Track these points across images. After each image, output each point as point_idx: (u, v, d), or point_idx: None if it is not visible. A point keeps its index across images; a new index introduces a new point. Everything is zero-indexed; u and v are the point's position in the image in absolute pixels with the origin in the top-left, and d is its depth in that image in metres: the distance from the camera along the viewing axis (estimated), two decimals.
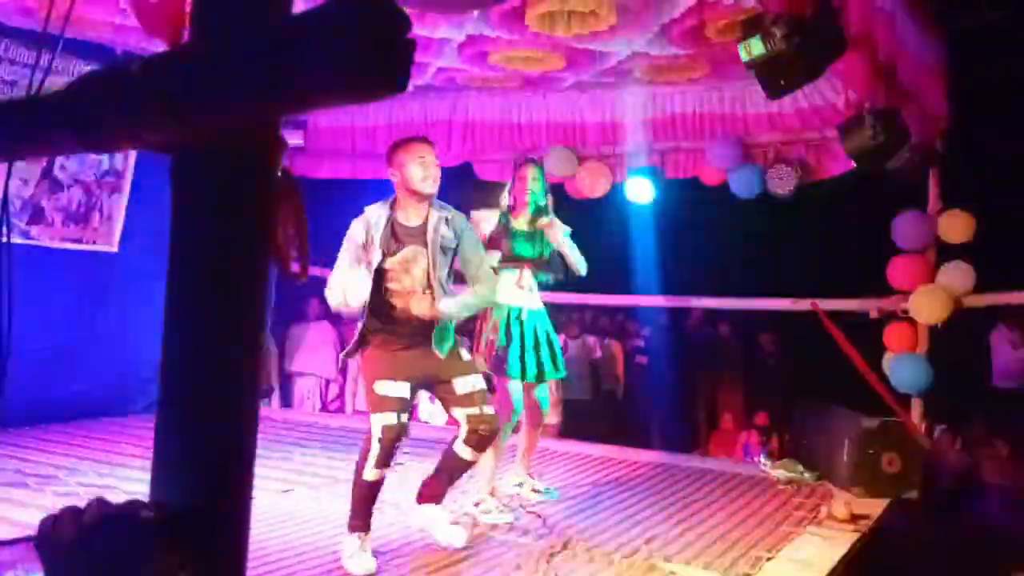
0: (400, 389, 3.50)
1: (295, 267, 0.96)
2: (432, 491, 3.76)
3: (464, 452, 3.66)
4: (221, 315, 0.89)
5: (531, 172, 4.50)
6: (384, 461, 3.44)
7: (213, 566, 0.80)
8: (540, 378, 4.41)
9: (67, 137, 0.96)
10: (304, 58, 0.73)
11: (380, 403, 3.47)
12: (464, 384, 3.63)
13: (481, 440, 3.64)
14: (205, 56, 0.81)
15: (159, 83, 0.83)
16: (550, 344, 4.47)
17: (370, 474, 3.45)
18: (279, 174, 0.93)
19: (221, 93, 0.80)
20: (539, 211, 4.43)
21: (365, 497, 3.51)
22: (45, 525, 0.83)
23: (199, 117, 0.82)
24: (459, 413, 3.64)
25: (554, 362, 4.46)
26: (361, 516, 3.53)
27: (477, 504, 4.24)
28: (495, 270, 4.16)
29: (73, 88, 0.91)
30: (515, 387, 4.34)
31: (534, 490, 4.65)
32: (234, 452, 0.90)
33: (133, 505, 0.82)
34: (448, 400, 3.66)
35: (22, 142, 1.03)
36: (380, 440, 3.41)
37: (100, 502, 0.82)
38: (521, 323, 4.38)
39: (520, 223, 4.47)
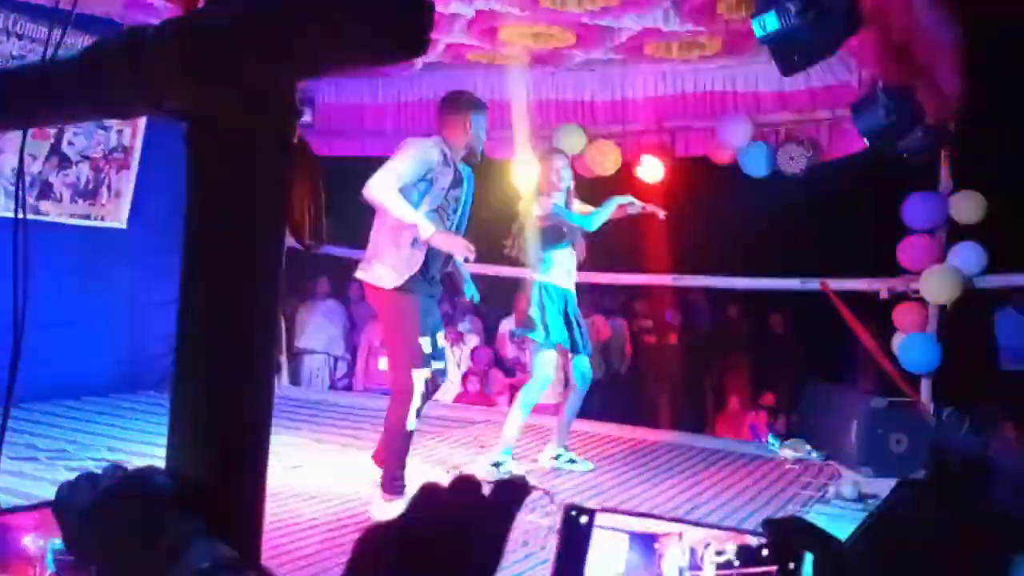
0: (427, 344, 3.72)
1: (310, 237, 0.96)
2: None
3: (411, 423, 3.78)
4: (237, 285, 0.88)
5: (562, 160, 4.71)
6: (420, 413, 3.73)
7: (228, 536, 0.80)
8: (580, 350, 4.65)
9: (81, 104, 0.95)
10: (322, 20, 0.72)
11: (421, 358, 3.67)
12: (442, 338, 3.92)
13: (433, 392, 3.88)
14: (221, 20, 0.80)
15: (174, 48, 0.82)
16: (579, 323, 4.71)
17: (412, 423, 3.69)
18: (295, 143, 0.92)
19: (237, 58, 0.79)
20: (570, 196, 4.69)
21: (405, 451, 3.75)
22: (62, 490, 0.83)
23: (215, 83, 0.81)
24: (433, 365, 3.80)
25: (584, 339, 4.69)
26: (401, 475, 3.74)
27: (497, 464, 4.45)
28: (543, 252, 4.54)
29: (87, 55, 0.90)
30: (552, 357, 4.55)
31: (571, 461, 4.73)
32: (250, 425, 0.90)
33: (149, 470, 0.82)
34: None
35: (37, 110, 1.02)
36: (422, 394, 3.66)
37: (116, 467, 0.82)
38: (566, 301, 4.63)
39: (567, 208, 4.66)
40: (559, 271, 4.62)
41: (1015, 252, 5.67)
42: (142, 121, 6.11)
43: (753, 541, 0.63)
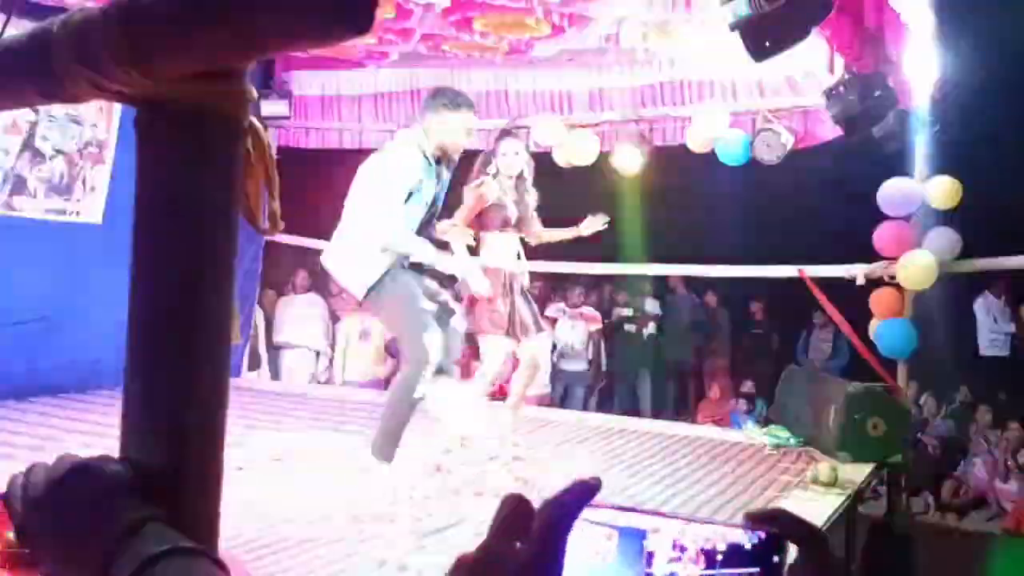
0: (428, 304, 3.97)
1: (265, 222, 0.95)
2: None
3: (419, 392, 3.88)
4: (188, 270, 0.88)
5: (511, 146, 4.66)
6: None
7: (182, 523, 0.80)
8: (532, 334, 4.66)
9: (29, 90, 0.93)
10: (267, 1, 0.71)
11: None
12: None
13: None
14: (166, 2, 0.79)
15: (119, 31, 0.81)
16: (530, 304, 4.74)
17: (419, 392, 3.82)
18: (247, 126, 0.91)
19: (183, 40, 0.78)
20: (520, 182, 4.68)
21: (407, 421, 3.88)
22: (14, 480, 0.82)
23: (161, 66, 0.80)
24: None
25: (537, 321, 4.71)
26: (395, 443, 3.90)
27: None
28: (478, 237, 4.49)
29: (32, 39, 0.89)
30: (504, 344, 4.59)
31: (514, 444, 4.72)
32: (203, 412, 0.89)
33: (102, 459, 0.81)
34: None
35: None
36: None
37: (68, 457, 0.81)
38: (518, 285, 4.64)
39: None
40: (505, 255, 4.68)
41: (991, 237, 5.73)
42: (116, 115, 6.06)
43: (741, 535, 0.63)
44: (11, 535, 0.84)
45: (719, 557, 0.62)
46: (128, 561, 0.72)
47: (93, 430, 5.06)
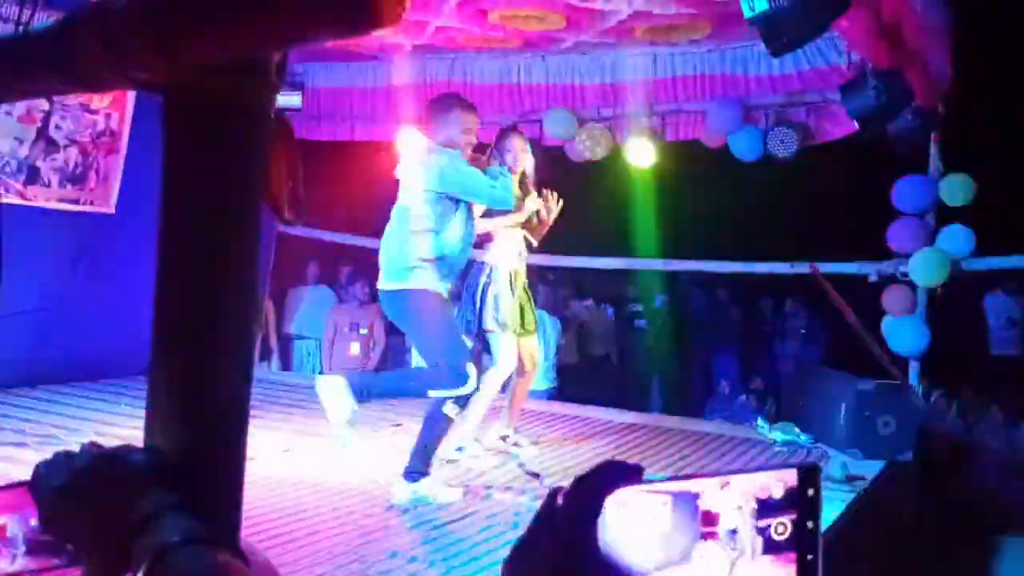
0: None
1: (289, 212, 0.95)
2: (417, 465, 3.88)
3: (452, 411, 3.80)
4: (215, 259, 0.88)
5: (521, 143, 4.58)
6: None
7: (205, 512, 0.80)
8: (532, 330, 4.67)
9: (54, 79, 0.94)
10: None
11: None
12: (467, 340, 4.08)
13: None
14: None
15: (145, 20, 0.81)
16: (531, 301, 4.76)
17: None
18: (272, 116, 0.91)
19: (209, 29, 0.78)
20: (524, 181, 4.59)
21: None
22: (38, 469, 0.82)
23: (187, 52, 0.80)
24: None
25: (535, 318, 4.74)
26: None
27: (460, 449, 4.51)
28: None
29: (58, 27, 0.89)
30: (514, 341, 4.55)
31: (516, 444, 4.72)
32: (227, 401, 0.89)
33: (126, 448, 0.81)
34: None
35: (10, 85, 1.01)
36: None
37: (93, 445, 0.81)
38: (521, 282, 4.63)
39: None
40: (510, 252, 4.67)
41: (1004, 235, 5.69)
42: (130, 104, 6.07)
43: (776, 481, 0.66)
44: (34, 522, 0.85)
45: (764, 503, 0.65)
46: (147, 549, 0.72)
47: (105, 419, 5.09)
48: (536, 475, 4.34)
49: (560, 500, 0.66)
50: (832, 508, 3.89)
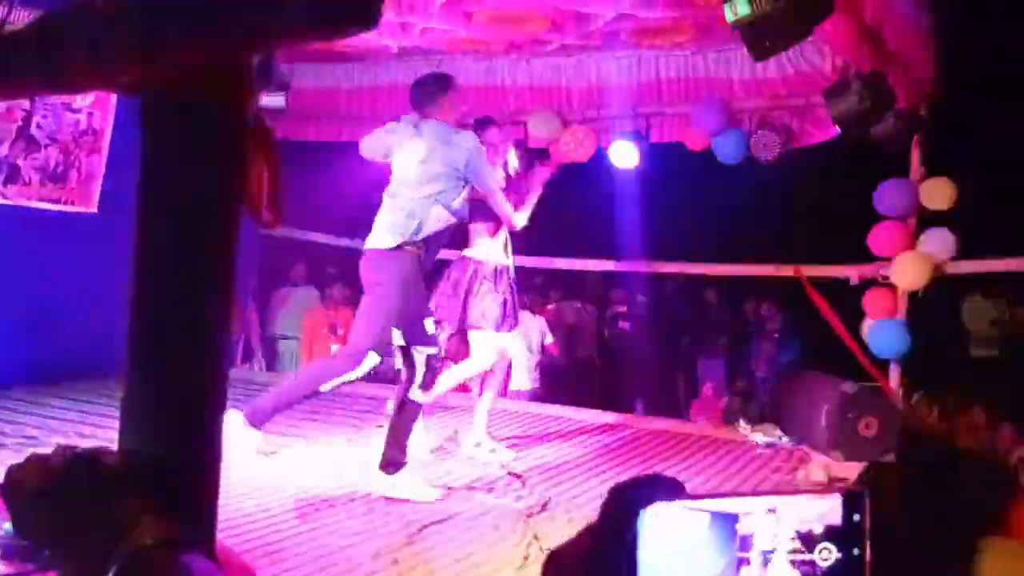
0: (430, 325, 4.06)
1: (267, 214, 0.94)
2: (396, 455, 3.92)
3: (419, 396, 3.94)
4: (192, 259, 0.87)
5: (498, 134, 4.67)
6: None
7: (179, 514, 0.79)
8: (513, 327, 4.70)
9: (32, 79, 0.93)
10: None
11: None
12: (431, 324, 4.05)
13: (433, 379, 4.00)
14: None
15: (124, 22, 0.81)
16: (515, 297, 4.77)
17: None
18: (251, 119, 0.91)
19: (190, 30, 0.78)
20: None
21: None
22: (10, 472, 0.82)
23: (167, 55, 0.80)
24: (421, 353, 3.95)
25: (517, 315, 4.76)
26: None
27: (478, 444, 4.63)
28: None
29: (37, 27, 0.89)
30: (496, 339, 4.59)
31: (491, 451, 4.71)
32: (202, 401, 0.89)
33: (98, 451, 0.81)
34: (416, 339, 3.95)
35: None
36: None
37: (65, 448, 0.81)
38: (507, 278, 4.65)
39: None
40: (496, 248, 4.72)
41: (985, 239, 5.73)
42: (112, 104, 6.03)
43: (824, 505, 0.66)
44: (8, 526, 0.84)
45: (809, 530, 0.65)
46: (121, 551, 0.72)
47: (86, 420, 5.05)
48: (519, 476, 4.34)
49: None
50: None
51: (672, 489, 0.65)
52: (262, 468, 4.24)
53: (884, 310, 5.56)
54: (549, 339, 7.26)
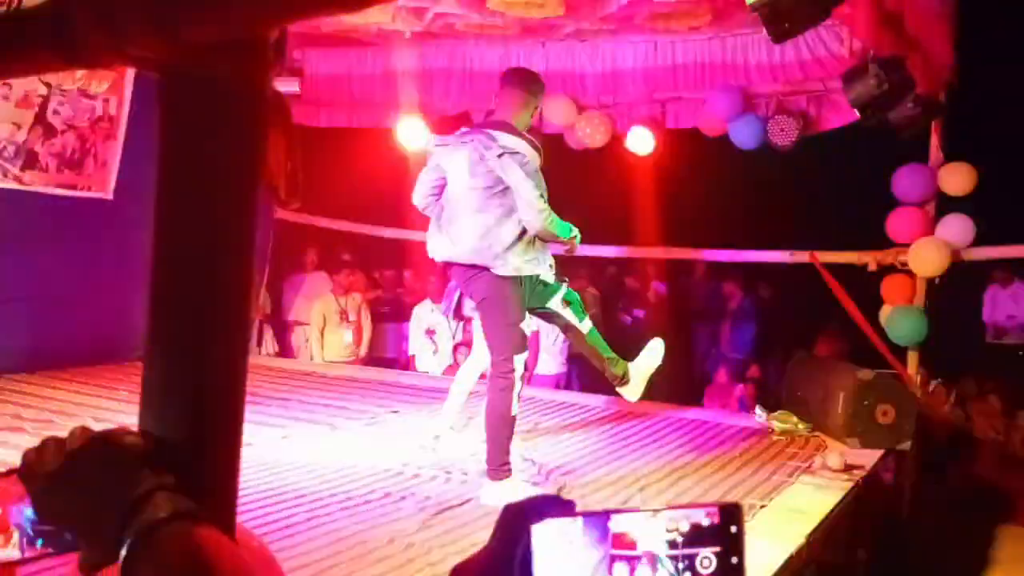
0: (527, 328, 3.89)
1: (286, 192, 0.93)
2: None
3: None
4: (210, 240, 0.86)
5: None
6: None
7: (199, 495, 0.79)
8: None
9: (49, 55, 0.92)
10: None
11: (523, 343, 3.78)
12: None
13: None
14: None
15: None
16: None
17: (516, 408, 3.73)
18: (270, 96, 0.90)
19: (208, 5, 0.77)
20: None
21: (512, 434, 3.77)
22: (28, 455, 0.81)
23: (185, 31, 0.79)
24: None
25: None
26: (507, 455, 3.74)
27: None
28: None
29: (53, 3, 0.88)
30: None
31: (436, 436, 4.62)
32: (223, 384, 0.88)
33: (118, 431, 0.80)
34: None
35: (5, 62, 0.99)
36: (521, 377, 3.73)
37: (83, 429, 0.80)
38: None
39: None
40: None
41: (1004, 224, 5.68)
42: (128, 90, 6.04)
43: (701, 516, 0.69)
44: (29, 511, 0.83)
45: (684, 537, 0.69)
46: (135, 528, 0.72)
47: (102, 403, 5.08)
48: (533, 462, 4.33)
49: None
50: (830, 497, 3.89)
51: (563, 507, 0.70)
52: (278, 451, 4.26)
53: (902, 297, 5.52)
54: None
